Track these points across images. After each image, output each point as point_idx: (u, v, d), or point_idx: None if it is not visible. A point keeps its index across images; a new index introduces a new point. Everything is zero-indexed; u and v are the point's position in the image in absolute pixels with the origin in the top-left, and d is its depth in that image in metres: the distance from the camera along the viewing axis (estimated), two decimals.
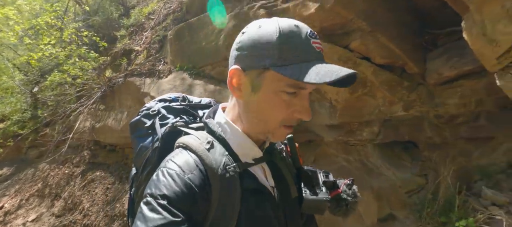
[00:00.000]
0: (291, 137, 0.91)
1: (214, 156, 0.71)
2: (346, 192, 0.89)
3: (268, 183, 0.78)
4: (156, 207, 0.63)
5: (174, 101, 0.93)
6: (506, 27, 1.85)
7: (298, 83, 0.66)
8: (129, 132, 0.95)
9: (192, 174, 0.67)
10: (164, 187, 0.65)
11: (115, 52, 5.98)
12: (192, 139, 0.75)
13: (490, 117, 2.91)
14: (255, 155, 0.78)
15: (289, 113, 0.70)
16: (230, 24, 3.45)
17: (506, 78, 2.08)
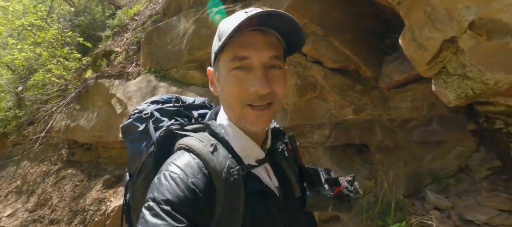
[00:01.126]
0: (292, 136, 0.91)
1: (218, 159, 0.69)
2: (348, 189, 0.89)
3: (272, 183, 0.77)
4: (159, 213, 0.60)
5: (166, 103, 0.91)
6: (431, 32, 1.87)
7: (238, 54, 0.67)
8: (121, 135, 0.92)
9: (195, 178, 0.65)
10: (167, 192, 0.63)
11: (96, 53, 6.05)
12: (195, 141, 0.73)
13: (442, 121, 2.93)
14: (258, 156, 0.76)
15: (246, 89, 0.68)
16: (191, 29, 3.51)
17: (439, 83, 2.10)
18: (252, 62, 0.68)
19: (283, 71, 0.73)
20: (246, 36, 0.68)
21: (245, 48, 0.68)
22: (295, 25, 0.69)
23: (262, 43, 0.69)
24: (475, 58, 1.67)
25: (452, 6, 1.59)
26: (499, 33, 1.51)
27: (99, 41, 7.02)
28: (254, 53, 0.67)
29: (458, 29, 1.64)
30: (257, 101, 0.68)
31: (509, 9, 1.43)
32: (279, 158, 0.81)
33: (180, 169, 0.66)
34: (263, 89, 0.67)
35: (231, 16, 0.70)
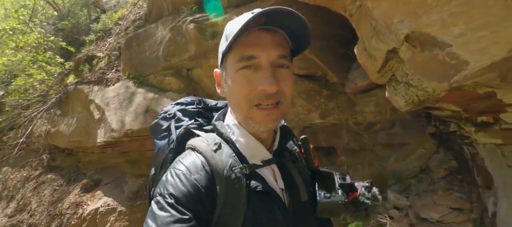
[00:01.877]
0: (304, 138, 0.89)
1: (221, 157, 0.72)
2: (365, 195, 0.82)
3: (278, 185, 0.76)
4: (164, 206, 0.65)
5: (190, 105, 0.94)
6: (377, 43, 2.00)
7: (245, 53, 0.68)
8: (150, 134, 0.97)
9: (198, 175, 0.69)
10: (171, 187, 0.67)
11: (79, 58, 6.05)
12: (200, 141, 0.77)
13: (404, 124, 3.07)
14: (264, 156, 0.76)
15: (253, 88, 0.68)
16: (167, 36, 3.60)
17: (390, 90, 2.23)
18: (259, 61, 0.68)
19: (290, 70, 0.73)
20: (253, 36, 0.69)
21: (252, 47, 0.68)
22: (303, 23, 0.70)
23: (269, 42, 0.69)
24: (414, 68, 1.80)
25: (390, 20, 1.72)
26: (430, 46, 1.64)
27: (83, 45, 6.99)
28: (261, 52, 0.68)
29: (397, 41, 1.77)
30: (264, 101, 0.69)
31: (436, 24, 1.56)
32: (287, 160, 0.80)
33: (184, 166, 0.71)
34: (271, 88, 0.67)
35: (238, 17, 0.71)
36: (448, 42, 1.49)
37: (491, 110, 1.82)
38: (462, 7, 1.47)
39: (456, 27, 1.48)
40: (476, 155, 2.36)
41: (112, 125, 3.69)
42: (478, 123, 2.01)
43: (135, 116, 3.65)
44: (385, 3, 1.70)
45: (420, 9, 1.58)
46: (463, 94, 1.82)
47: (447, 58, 1.54)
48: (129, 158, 4.17)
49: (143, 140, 3.68)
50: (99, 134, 3.79)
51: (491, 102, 1.75)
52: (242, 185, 0.69)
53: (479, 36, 1.42)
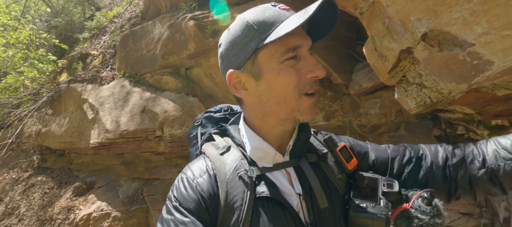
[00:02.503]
0: (328, 138, 0.83)
1: (226, 160, 0.72)
2: (420, 208, 0.66)
3: (294, 190, 0.71)
4: (170, 209, 0.69)
5: (217, 112, 0.96)
6: (390, 43, 1.92)
7: (291, 44, 0.67)
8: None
9: (201, 178, 0.70)
10: (176, 191, 0.71)
11: (72, 55, 5.89)
12: (211, 145, 0.79)
13: (409, 127, 3.01)
14: (276, 159, 0.74)
15: (302, 77, 0.68)
16: (165, 34, 3.48)
17: (400, 91, 2.16)
18: (302, 50, 0.69)
19: None
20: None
21: (296, 37, 0.67)
22: (335, 13, 0.70)
23: (303, 31, 0.71)
24: (429, 68, 1.72)
25: (406, 18, 1.64)
26: (449, 45, 1.57)
27: (76, 43, 6.84)
28: (303, 41, 0.68)
29: (413, 40, 1.69)
30: (312, 87, 0.70)
31: (457, 22, 1.49)
32: (303, 162, 0.74)
33: (190, 171, 0.73)
34: (321, 72, 0.68)
35: (256, 9, 0.69)
36: (471, 41, 1.42)
37: (508, 113, 1.76)
38: (483, 5, 1.40)
39: (478, 26, 1.41)
40: None
41: (107, 125, 3.55)
42: (492, 126, 1.95)
43: (131, 116, 3.52)
44: (402, 0, 1.62)
45: (439, 7, 1.50)
46: (480, 96, 1.75)
47: (468, 58, 1.47)
48: (125, 160, 4.03)
49: (140, 141, 3.55)
50: (93, 135, 3.65)
51: (509, 105, 1.69)
52: (247, 189, 0.67)
53: (503, 36, 1.35)
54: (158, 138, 3.48)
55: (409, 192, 0.73)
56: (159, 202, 3.40)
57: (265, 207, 0.66)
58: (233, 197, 0.67)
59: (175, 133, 3.29)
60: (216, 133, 0.84)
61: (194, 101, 3.46)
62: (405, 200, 0.70)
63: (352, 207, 0.68)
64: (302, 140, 0.76)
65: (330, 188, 0.73)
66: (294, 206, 0.69)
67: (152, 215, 3.34)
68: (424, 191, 0.71)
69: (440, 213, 0.68)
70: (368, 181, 0.73)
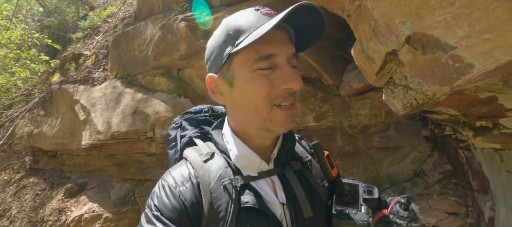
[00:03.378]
0: (316, 144, 0.81)
1: (210, 168, 0.69)
2: (398, 213, 0.68)
3: (278, 199, 0.70)
4: (150, 218, 0.65)
5: (198, 113, 0.92)
6: (376, 45, 1.94)
7: (264, 52, 0.63)
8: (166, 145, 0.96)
9: (183, 187, 0.68)
10: (156, 199, 0.68)
11: (65, 56, 5.84)
12: (193, 150, 0.75)
13: (399, 127, 3.04)
14: (261, 167, 0.71)
15: (275, 87, 0.64)
16: (157, 35, 3.47)
17: (387, 93, 2.18)
18: (278, 59, 0.64)
19: (297, 70, 0.69)
20: (268, 33, 0.63)
21: (270, 45, 0.63)
22: (321, 20, 0.66)
23: (284, 39, 0.66)
24: (414, 71, 1.74)
25: (390, 21, 1.66)
26: (432, 48, 1.58)
27: (69, 43, 6.79)
28: (281, 50, 0.64)
29: (397, 43, 1.71)
30: (286, 100, 0.65)
31: (439, 26, 1.51)
32: (288, 170, 0.73)
33: (171, 178, 0.70)
34: (296, 85, 0.64)
35: (238, 13, 0.67)
36: (452, 45, 1.44)
37: (491, 115, 1.79)
38: (465, 9, 1.42)
39: (460, 29, 1.43)
40: (471, 159, 2.34)
41: (98, 126, 3.53)
42: (476, 127, 1.98)
43: (122, 117, 3.51)
44: (386, 3, 1.64)
45: (422, 10, 1.52)
46: (464, 98, 1.78)
47: (451, 61, 1.49)
48: (117, 161, 4.02)
49: (131, 142, 3.54)
50: (85, 136, 3.63)
51: (492, 107, 1.71)
52: (230, 199, 0.65)
53: (484, 39, 1.38)
54: (150, 139, 3.47)
55: (388, 198, 0.75)
56: None
57: (249, 217, 0.65)
58: (218, 207, 0.65)
59: None
60: (196, 137, 0.81)
61: (186, 102, 3.45)
62: (384, 206, 0.72)
63: (335, 215, 0.68)
64: (286, 148, 0.75)
65: (313, 196, 0.72)
66: (278, 215, 0.67)
67: None
68: (401, 197, 0.73)
69: (417, 218, 0.71)
70: (349, 187, 0.74)
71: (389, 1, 1.62)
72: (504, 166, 1.82)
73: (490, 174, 2.00)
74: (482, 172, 2.16)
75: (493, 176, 1.96)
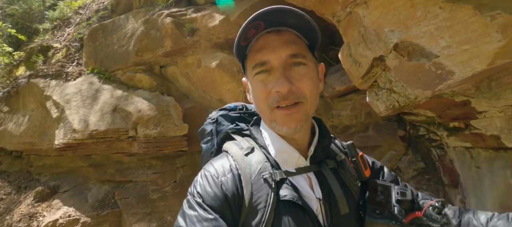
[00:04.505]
0: (351, 144, 0.83)
1: (251, 161, 0.72)
2: (431, 216, 0.68)
3: (315, 194, 0.71)
4: (192, 204, 0.68)
5: (232, 110, 0.96)
6: (364, 50, 2.05)
7: (258, 59, 0.70)
8: (199, 139, 0.99)
9: (225, 177, 0.70)
10: (199, 187, 0.70)
11: (31, 47, 5.41)
12: (233, 144, 0.78)
13: (377, 128, 3.23)
14: (299, 163, 0.74)
15: (269, 91, 0.70)
16: (140, 30, 3.35)
17: (371, 95, 2.31)
18: (271, 64, 0.70)
19: (307, 67, 0.72)
20: (261, 40, 0.71)
21: (261, 52, 0.70)
22: (301, 18, 0.69)
23: (276, 43, 0.70)
24: (399, 75, 1.88)
25: (380, 29, 1.77)
26: (417, 56, 1.72)
27: (36, 34, 6.30)
28: (271, 55, 0.69)
29: (385, 49, 1.83)
30: (282, 102, 0.69)
31: (425, 35, 1.65)
32: (325, 168, 0.75)
33: (214, 168, 0.73)
34: (282, 88, 0.67)
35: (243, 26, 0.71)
36: (436, 53, 1.58)
37: (464, 117, 1.98)
38: (447, 22, 1.56)
39: (442, 39, 1.57)
40: (443, 156, 2.56)
41: (74, 124, 3.33)
42: (450, 128, 2.17)
43: (101, 115, 3.34)
44: (377, 12, 1.75)
45: (409, 21, 1.65)
46: (441, 101, 1.95)
47: (433, 68, 1.63)
48: (93, 162, 3.81)
49: (110, 142, 3.38)
50: (58, 135, 3.40)
51: (465, 110, 1.89)
52: (270, 192, 0.68)
53: (463, 50, 1.52)
54: (132, 138, 3.35)
55: (421, 200, 0.77)
56: (133, 205, 3.27)
57: (286, 210, 0.67)
58: (257, 199, 0.67)
59: (150, 133, 3.20)
60: (234, 132, 0.85)
61: (170, 101, 3.38)
62: (417, 208, 0.73)
63: (368, 213, 0.69)
64: (322, 146, 0.77)
65: (347, 194, 0.74)
66: (314, 210, 0.70)
67: (125, 220, 3.20)
68: (435, 201, 0.76)
69: (450, 222, 0.72)
70: (382, 188, 0.75)
71: (380, 10, 1.74)
72: (474, 162, 2.02)
73: (461, 169, 2.21)
74: (453, 168, 2.37)
75: (464, 171, 2.16)
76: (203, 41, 3.16)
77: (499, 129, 1.80)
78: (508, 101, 1.68)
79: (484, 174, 1.94)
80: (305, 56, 0.71)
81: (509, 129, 1.76)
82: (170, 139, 3.23)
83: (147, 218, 3.18)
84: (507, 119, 1.75)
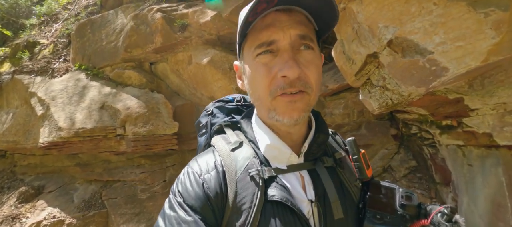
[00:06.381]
0: (352, 141, 0.75)
1: (237, 157, 0.66)
2: (440, 225, 0.60)
3: (306, 196, 0.64)
4: (173, 204, 0.64)
5: (230, 102, 0.90)
6: (357, 47, 2.03)
7: (265, 38, 0.61)
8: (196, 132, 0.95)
9: (208, 175, 0.65)
10: (181, 185, 0.66)
11: (17, 43, 5.24)
12: (221, 139, 0.73)
13: (369, 126, 3.22)
14: (291, 160, 0.67)
15: (274, 76, 0.60)
16: (129, 25, 3.26)
17: (364, 93, 2.29)
18: (278, 44, 0.61)
19: (315, 53, 0.64)
20: (269, 18, 0.61)
21: (269, 29, 0.61)
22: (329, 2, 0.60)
23: (287, 22, 0.61)
24: (393, 72, 1.85)
25: (374, 25, 1.75)
26: (411, 52, 1.70)
27: (22, 29, 6.11)
28: (279, 34, 0.60)
29: (379, 45, 1.80)
30: (287, 89, 0.60)
31: (419, 31, 1.63)
32: (320, 166, 0.67)
33: (197, 165, 0.68)
34: (292, 73, 0.58)
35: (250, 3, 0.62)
36: (430, 50, 1.56)
37: (457, 115, 1.97)
38: (441, 18, 1.54)
39: (437, 36, 1.55)
40: (435, 155, 2.56)
41: (60, 122, 3.22)
42: (442, 126, 2.16)
43: (88, 112, 3.24)
44: (371, 8, 1.72)
45: (404, 16, 1.62)
46: (434, 99, 1.94)
47: (427, 64, 1.61)
48: (79, 161, 3.70)
49: (98, 140, 3.28)
50: (43, 133, 3.28)
51: (458, 107, 1.88)
52: (257, 191, 0.62)
53: (457, 46, 1.51)
54: (120, 137, 3.25)
55: (428, 206, 0.68)
56: (121, 205, 3.17)
57: (274, 211, 0.61)
58: (242, 198, 0.62)
59: (139, 131, 3.11)
60: (227, 125, 0.79)
61: (160, 98, 3.30)
62: (423, 215, 0.65)
63: (368, 217, 0.63)
64: (318, 142, 0.69)
65: (345, 195, 0.67)
66: (305, 212, 0.63)
67: (112, 220, 3.10)
68: (444, 207, 0.65)
69: None
70: (385, 190, 0.68)
71: (374, 6, 1.71)
72: (466, 160, 2.02)
73: (453, 167, 2.21)
74: (445, 166, 2.37)
75: (456, 169, 2.16)
76: (194, 37, 3.09)
77: (491, 127, 1.79)
78: (501, 99, 1.67)
79: (476, 172, 1.93)
80: (313, 40, 0.64)
81: (501, 127, 1.76)
82: (160, 137, 3.15)
83: (136, 218, 3.10)
84: (499, 117, 1.75)
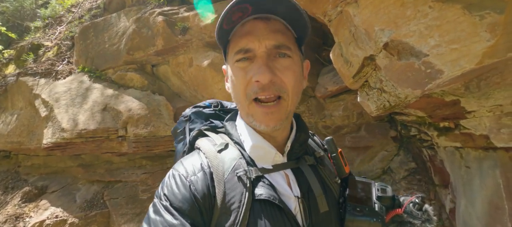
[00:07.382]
0: (330, 140, 0.79)
1: (224, 158, 0.67)
2: (412, 213, 0.68)
3: (293, 193, 0.68)
4: (158, 209, 0.63)
5: (207, 108, 0.90)
6: (355, 49, 2.05)
7: (242, 45, 0.65)
8: (173, 139, 0.94)
9: (194, 176, 0.65)
10: (166, 188, 0.65)
11: (22, 46, 5.33)
12: (205, 141, 0.73)
13: (369, 128, 3.23)
14: (276, 160, 0.70)
15: (249, 80, 0.65)
16: (131, 28, 3.31)
17: (362, 95, 2.31)
18: (256, 51, 0.65)
19: (292, 60, 0.67)
20: (247, 26, 0.66)
21: (246, 38, 0.65)
22: (293, 7, 0.64)
23: (263, 31, 0.65)
24: (389, 75, 1.87)
25: (370, 28, 1.76)
26: (407, 55, 1.72)
27: (27, 32, 6.20)
28: (255, 43, 0.65)
29: (376, 48, 1.82)
30: (260, 94, 0.64)
31: (414, 34, 1.64)
32: (303, 164, 0.71)
33: (183, 167, 0.68)
34: (263, 78, 0.62)
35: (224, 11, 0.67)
36: (425, 52, 1.57)
37: (454, 117, 1.98)
38: (436, 21, 1.56)
39: (432, 39, 1.56)
40: (434, 157, 2.57)
41: (63, 123, 3.27)
42: (440, 128, 2.17)
43: (91, 114, 3.29)
44: (367, 11, 1.74)
45: (399, 20, 1.64)
46: (431, 101, 1.95)
47: (423, 67, 1.62)
48: (82, 161, 3.75)
49: (100, 141, 3.33)
50: (46, 134, 3.33)
51: (455, 109, 1.89)
52: (245, 190, 0.63)
53: (452, 49, 1.52)
54: (121, 138, 3.30)
55: (401, 197, 0.75)
56: (122, 206, 3.21)
57: (262, 210, 0.63)
58: (231, 198, 0.63)
59: (140, 133, 3.15)
60: (206, 130, 0.80)
61: (161, 100, 3.34)
62: (398, 205, 0.72)
63: (349, 211, 0.67)
64: (300, 141, 0.74)
65: (327, 191, 0.71)
66: (292, 209, 0.66)
67: (114, 220, 3.14)
68: (415, 197, 0.74)
69: (431, 218, 0.71)
70: (362, 185, 0.74)
71: (370, 9, 1.73)
72: (464, 162, 2.02)
73: (451, 169, 2.21)
74: (443, 168, 2.38)
75: (454, 171, 2.17)
76: (195, 40, 3.13)
77: (488, 129, 1.80)
78: (497, 101, 1.68)
79: (473, 174, 1.94)
80: (290, 49, 0.67)
81: (498, 129, 1.76)
82: (161, 138, 3.18)
83: (136, 218, 3.13)
84: (496, 119, 1.76)
